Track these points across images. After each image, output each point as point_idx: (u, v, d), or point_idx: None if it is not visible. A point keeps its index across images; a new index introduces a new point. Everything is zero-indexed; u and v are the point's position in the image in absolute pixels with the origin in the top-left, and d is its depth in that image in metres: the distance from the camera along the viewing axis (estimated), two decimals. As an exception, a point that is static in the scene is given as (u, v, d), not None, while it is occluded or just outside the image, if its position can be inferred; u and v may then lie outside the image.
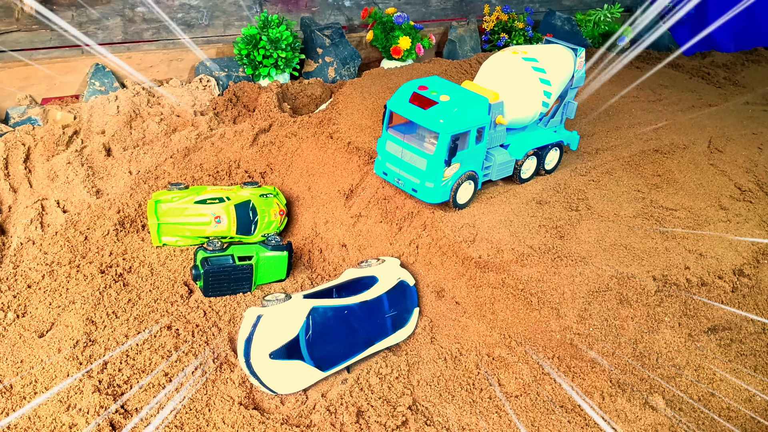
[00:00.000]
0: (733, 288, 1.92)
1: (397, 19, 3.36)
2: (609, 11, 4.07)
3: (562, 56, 2.20)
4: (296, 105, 2.99)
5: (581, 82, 2.30)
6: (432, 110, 1.89)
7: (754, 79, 3.76)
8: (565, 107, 2.33)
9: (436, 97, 1.92)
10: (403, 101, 1.97)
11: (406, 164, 1.99)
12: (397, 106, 1.98)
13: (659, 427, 1.63)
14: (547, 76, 2.13)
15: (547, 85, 2.13)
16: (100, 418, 1.50)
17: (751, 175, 2.49)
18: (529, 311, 1.80)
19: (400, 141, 2.00)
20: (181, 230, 2.10)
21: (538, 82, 2.11)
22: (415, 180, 1.98)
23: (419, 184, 1.97)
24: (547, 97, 2.14)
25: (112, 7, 2.91)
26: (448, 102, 1.90)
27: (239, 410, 1.58)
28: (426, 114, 1.90)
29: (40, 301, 1.85)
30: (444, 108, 1.89)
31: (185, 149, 2.50)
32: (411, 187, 2.01)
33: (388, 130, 2.04)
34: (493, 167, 2.11)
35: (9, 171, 2.38)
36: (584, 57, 2.26)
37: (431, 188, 1.95)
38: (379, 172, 2.12)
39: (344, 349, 1.72)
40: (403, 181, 2.03)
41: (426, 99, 1.92)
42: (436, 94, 1.94)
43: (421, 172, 1.96)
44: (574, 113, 2.35)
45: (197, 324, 1.83)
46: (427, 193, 1.97)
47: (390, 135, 2.03)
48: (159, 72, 3.03)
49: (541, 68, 2.12)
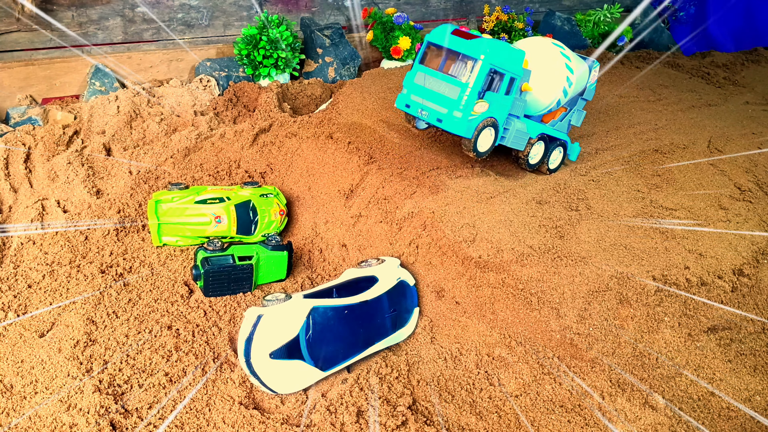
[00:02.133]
0: (732, 288, 1.92)
1: (396, 19, 3.36)
2: (609, 11, 4.07)
3: (582, 63, 2.26)
4: (296, 105, 3.00)
5: (591, 95, 2.36)
6: (475, 41, 1.94)
7: (754, 79, 3.76)
8: (573, 114, 2.38)
9: (478, 34, 1.98)
10: (445, 34, 2.00)
11: (435, 94, 2.01)
12: (438, 37, 2.01)
13: (659, 427, 1.63)
14: (571, 65, 2.19)
15: (570, 72, 2.18)
16: (101, 418, 1.50)
17: (750, 175, 2.49)
18: (529, 311, 1.80)
19: (434, 72, 2.02)
20: (181, 230, 2.10)
21: (563, 67, 2.17)
22: (443, 110, 1.99)
23: (446, 113, 1.98)
24: (569, 85, 2.20)
25: (112, 7, 2.91)
26: (490, 39, 1.96)
27: (239, 410, 1.58)
28: (469, 43, 1.94)
29: (40, 301, 1.85)
30: (486, 42, 1.94)
31: (185, 149, 2.50)
32: (436, 117, 2.01)
33: (420, 64, 2.06)
34: (511, 131, 2.14)
35: (9, 171, 2.38)
36: (597, 72, 2.30)
37: (458, 118, 1.97)
38: (400, 105, 2.12)
39: (344, 349, 1.72)
40: (428, 111, 2.03)
41: (469, 33, 1.98)
42: (477, 32, 2.00)
43: (451, 101, 1.97)
44: (581, 121, 2.39)
45: (197, 324, 1.83)
46: (454, 122, 1.98)
47: (422, 66, 2.05)
48: (159, 72, 3.03)
49: (568, 56, 2.19)
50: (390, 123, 2.55)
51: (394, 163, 2.25)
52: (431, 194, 2.11)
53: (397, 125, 2.54)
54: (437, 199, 2.09)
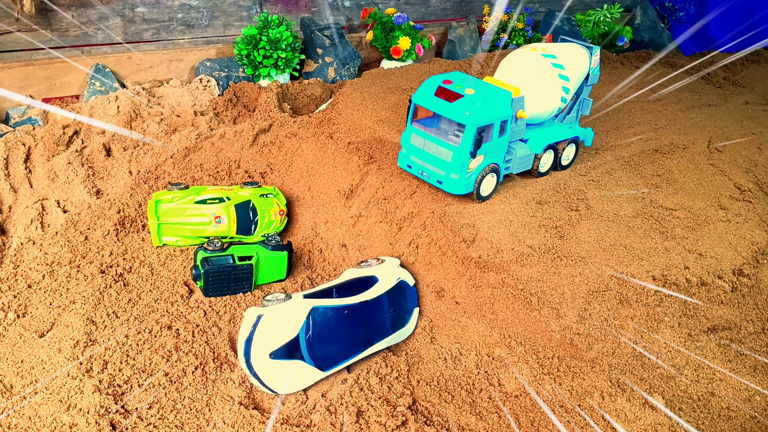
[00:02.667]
0: (732, 288, 1.92)
1: (396, 19, 3.36)
2: (609, 11, 4.07)
3: (579, 54, 2.25)
4: (296, 105, 3.00)
5: (596, 79, 2.35)
6: (458, 103, 1.94)
7: (754, 79, 3.76)
8: (581, 104, 2.37)
9: (461, 91, 1.97)
10: (429, 94, 2.01)
11: (431, 156, 2.03)
12: (422, 99, 2.02)
13: (659, 427, 1.63)
14: (565, 72, 2.18)
15: (565, 81, 2.18)
16: (101, 418, 1.50)
17: (750, 175, 2.49)
18: (529, 311, 1.80)
19: (425, 134, 2.04)
20: (181, 230, 2.10)
21: (557, 78, 2.16)
22: (440, 172, 2.02)
23: (444, 175, 2.02)
24: (566, 92, 2.19)
25: (112, 7, 2.91)
26: (473, 95, 1.95)
27: (239, 410, 1.58)
28: (452, 106, 1.94)
29: (40, 301, 1.85)
30: (469, 101, 1.93)
31: (185, 149, 2.50)
32: (436, 179, 2.05)
33: (413, 124, 2.08)
34: (514, 160, 2.15)
35: (9, 171, 2.38)
36: (599, 55, 2.30)
37: (456, 180, 2.00)
38: (402, 165, 2.15)
39: (344, 349, 1.72)
40: (427, 173, 2.07)
41: (451, 92, 1.97)
42: (461, 87, 1.98)
43: (446, 163, 2.00)
44: (589, 109, 2.40)
45: (197, 324, 1.83)
46: (452, 184, 2.01)
47: (415, 128, 2.07)
48: (159, 72, 3.03)
49: (560, 65, 2.17)
50: (390, 123, 2.55)
51: (394, 163, 2.25)
52: (431, 194, 2.11)
53: (397, 125, 2.54)
54: (437, 199, 2.09)
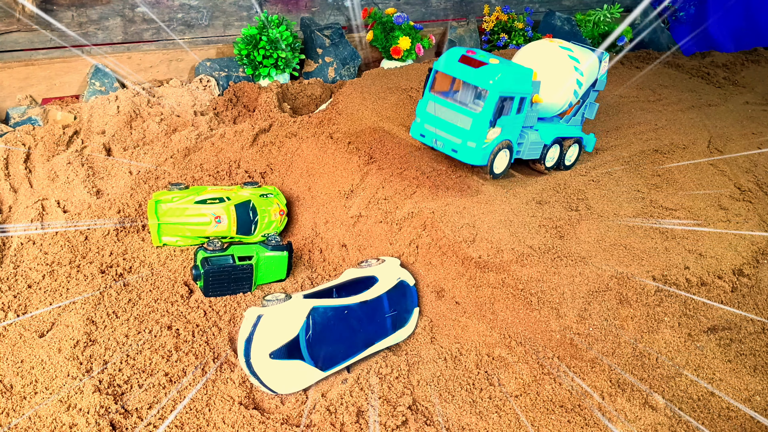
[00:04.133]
0: (732, 288, 1.92)
1: (396, 19, 3.36)
2: (609, 11, 4.07)
3: (591, 56, 2.27)
4: (296, 105, 3.00)
5: (602, 86, 2.37)
6: (483, 69, 1.94)
7: (754, 79, 3.76)
8: (587, 108, 2.38)
9: (486, 60, 1.97)
10: (452, 62, 2.00)
11: (448, 124, 2.01)
12: (445, 66, 2.01)
13: (659, 427, 1.63)
14: (581, 67, 2.19)
15: (580, 75, 2.19)
16: (101, 418, 1.50)
17: (750, 175, 2.49)
18: (529, 311, 1.80)
19: (445, 101, 2.02)
20: (181, 230, 2.10)
21: (572, 70, 2.18)
22: (457, 140, 2.00)
23: (461, 144, 2.00)
24: (579, 86, 2.21)
25: (112, 7, 2.91)
26: (497, 65, 1.95)
27: (239, 410, 1.58)
28: (477, 72, 1.93)
29: (40, 301, 1.85)
30: (494, 69, 1.93)
31: (185, 149, 2.50)
32: (451, 147, 2.03)
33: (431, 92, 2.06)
34: (526, 144, 2.15)
35: (9, 171, 2.38)
36: (608, 62, 2.31)
37: (473, 148, 1.98)
38: (415, 134, 2.13)
39: (344, 349, 1.72)
40: (442, 141, 2.04)
41: (476, 60, 1.97)
42: (485, 57, 1.98)
43: (464, 131, 1.98)
44: (595, 114, 2.41)
45: (197, 324, 1.83)
46: (468, 153, 1.99)
47: (433, 95, 2.05)
48: (159, 72, 3.03)
49: (576, 58, 2.19)
50: (390, 123, 2.55)
51: (394, 163, 2.25)
52: (431, 194, 2.11)
53: (397, 125, 2.54)
54: (437, 199, 2.08)
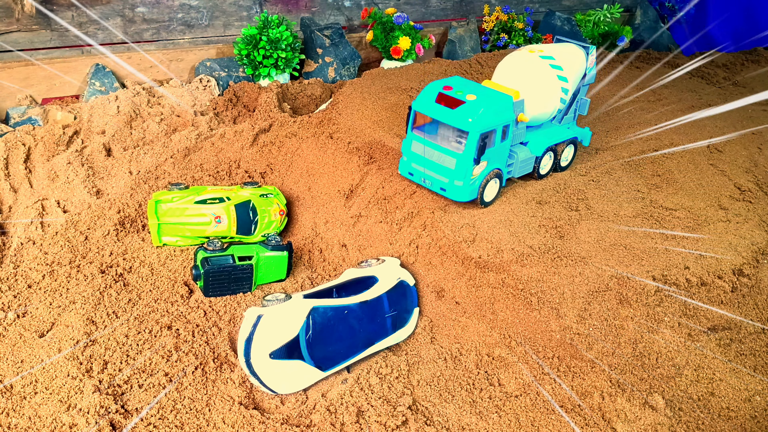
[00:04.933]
0: (732, 288, 1.92)
1: (396, 19, 3.36)
2: (609, 11, 4.07)
3: (576, 54, 2.24)
4: (296, 105, 3.00)
5: (592, 79, 2.35)
6: (460, 110, 1.91)
7: (754, 79, 3.76)
8: (578, 104, 2.36)
9: (463, 97, 1.94)
10: (429, 102, 1.98)
11: (434, 164, 2.01)
12: (423, 106, 1.99)
13: (659, 427, 1.63)
14: (563, 74, 2.17)
15: (564, 81, 2.16)
16: (101, 418, 1.50)
17: (750, 175, 2.49)
18: (529, 311, 1.80)
19: (427, 141, 2.01)
20: (181, 230, 2.10)
21: (555, 80, 2.15)
22: (444, 179, 2.00)
23: (448, 183, 1.99)
24: (565, 93, 2.18)
25: (112, 7, 2.91)
26: (474, 101, 1.92)
27: (239, 410, 1.58)
28: (454, 113, 1.91)
29: (40, 301, 1.85)
30: (472, 107, 1.91)
31: (185, 149, 2.50)
32: (439, 186, 2.02)
33: (413, 131, 2.05)
34: (516, 164, 2.13)
35: (9, 171, 2.38)
36: (595, 54, 2.29)
37: (460, 187, 1.97)
38: (404, 172, 2.12)
39: (344, 349, 1.72)
40: (430, 180, 2.04)
41: (453, 99, 1.94)
42: (462, 93, 1.96)
43: (449, 171, 1.97)
44: (587, 109, 2.39)
45: (197, 324, 1.83)
46: (456, 191, 1.99)
47: (416, 135, 2.04)
48: (159, 72, 3.03)
49: (558, 66, 2.16)
50: (390, 123, 2.55)
51: (394, 163, 2.25)
52: (431, 194, 2.11)
53: (398, 125, 2.54)
54: (437, 199, 2.09)
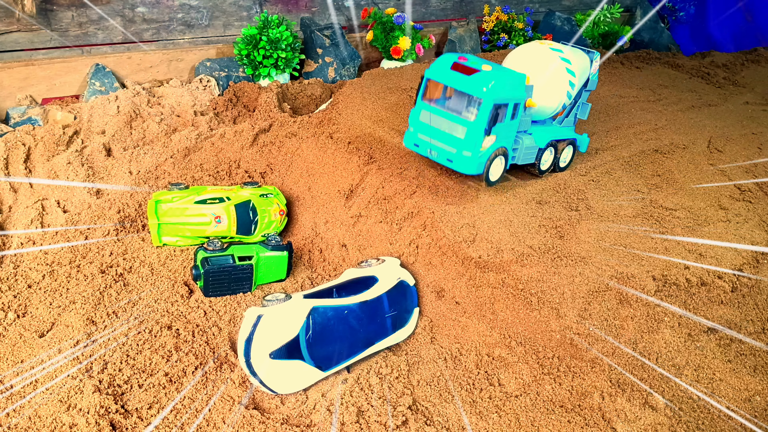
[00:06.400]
0: (732, 288, 1.92)
1: (396, 19, 3.36)
2: (609, 11, 4.07)
3: (582, 56, 2.25)
4: (296, 105, 3.00)
5: (594, 85, 2.35)
6: (475, 77, 1.90)
7: (754, 79, 3.76)
8: (579, 108, 2.37)
9: (478, 67, 1.93)
10: (444, 69, 1.96)
11: (442, 133, 1.97)
12: (437, 74, 1.96)
13: (659, 427, 1.63)
14: (572, 68, 2.17)
15: (572, 75, 2.17)
16: (101, 418, 1.50)
17: (750, 175, 2.49)
18: (529, 311, 1.80)
19: (438, 110, 1.98)
20: (181, 230, 2.10)
21: (565, 72, 2.15)
22: (452, 149, 1.96)
23: (455, 153, 1.96)
24: (572, 87, 2.18)
25: (112, 7, 2.91)
26: (490, 72, 1.91)
27: (239, 410, 1.58)
28: (470, 80, 1.90)
29: (40, 301, 1.85)
30: (487, 76, 1.89)
31: (185, 149, 2.50)
32: (446, 157, 1.99)
33: (423, 100, 2.02)
34: (520, 150, 2.13)
35: (9, 171, 2.38)
36: (599, 62, 2.30)
37: (468, 157, 1.94)
38: (409, 144, 2.08)
39: (344, 349, 1.72)
40: (437, 151, 2.00)
41: (468, 67, 1.93)
42: (477, 64, 1.95)
43: (458, 140, 1.94)
44: (587, 114, 2.39)
45: (197, 324, 1.83)
46: (464, 162, 1.96)
47: (425, 104, 2.01)
48: (159, 72, 3.03)
49: (568, 59, 2.16)
50: (390, 123, 2.55)
51: (394, 163, 2.25)
52: (431, 194, 2.11)
53: (397, 125, 2.54)
54: (437, 199, 2.08)
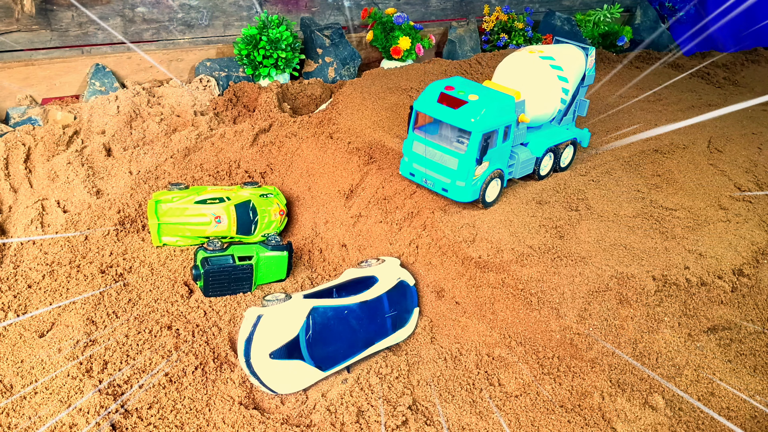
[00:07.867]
0: (732, 288, 1.92)
1: (396, 19, 3.36)
2: (609, 11, 4.07)
3: (575, 55, 2.24)
4: (296, 105, 3.00)
5: (591, 80, 2.35)
6: (462, 109, 1.90)
7: (754, 79, 3.76)
8: (577, 105, 2.36)
9: (465, 97, 1.93)
10: (431, 101, 1.97)
11: (436, 164, 2.00)
12: (425, 106, 1.98)
13: (659, 427, 1.63)
14: (564, 74, 2.16)
15: (564, 82, 2.16)
16: (100, 418, 1.50)
17: (750, 175, 2.49)
18: (529, 311, 1.80)
19: (429, 141, 2.00)
20: (181, 230, 2.10)
21: (556, 80, 2.15)
22: (446, 179, 1.99)
23: (450, 183, 1.99)
24: (565, 94, 2.18)
25: (112, 7, 2.91)
26: (477, 101, 1.91)
27: (239, 410, 1.58)
28: (457, 113, 1.90)
29: (40, 301, 1.85)
30: (474, 107, 1.90)
31: (185, 149, 2.50)
32: (441, 186, 2.02)
33: (415, 131, 2.04)
34: (517, 165, 2.13)
35: (9, 171, 2.38)
36: (594, 56, 2.29)
37: (462, 187, 1.97)
38: (405, 173, 2.11)
39: (344, 349, 1.72)
40: (432, 181, 2.03)
41: (455, 99, 1.94)
42: (464, 93, 1.95)
43: (451, 171, 1.97)
44: (586, 110, 2.39)
45: (197, 324, 1.83)
46: (458, 192, 1.98)
47: (417, 136, 2.03)
48: (159, 72, 3.03)
49: (558, 66, 2.16)
50: (390, 123, 2.55)
51: (394, 163, 2.25)
52: (431, 194, 2.11)
53: (398, 125, 2.54)
54: (437, 199, 2.09)
